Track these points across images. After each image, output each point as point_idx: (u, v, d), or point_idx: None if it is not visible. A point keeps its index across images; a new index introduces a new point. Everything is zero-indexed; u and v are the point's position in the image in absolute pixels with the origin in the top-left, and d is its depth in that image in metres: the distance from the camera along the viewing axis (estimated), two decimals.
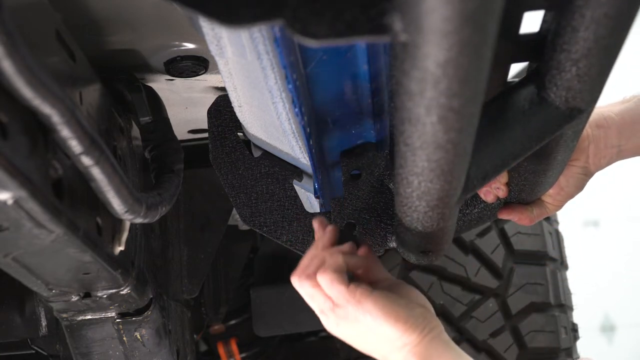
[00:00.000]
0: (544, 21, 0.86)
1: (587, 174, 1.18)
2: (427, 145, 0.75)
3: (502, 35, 0.86)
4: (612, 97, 1.21)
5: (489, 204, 1.26)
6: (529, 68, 0.96)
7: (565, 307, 2.38)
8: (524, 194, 1.21)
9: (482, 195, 1.22)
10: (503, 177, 1.18)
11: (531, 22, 0.89)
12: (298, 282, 1.11)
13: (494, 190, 1.20)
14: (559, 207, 1.25)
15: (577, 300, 2.51)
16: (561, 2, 0.78)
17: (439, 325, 1.07)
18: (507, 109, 0.93)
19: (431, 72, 0.63)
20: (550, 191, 1.21)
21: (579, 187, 1.20)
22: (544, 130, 0.92)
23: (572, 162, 1.15)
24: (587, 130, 1.14)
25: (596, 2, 0.72)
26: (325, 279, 1.07)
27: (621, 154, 1.17)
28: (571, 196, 1.22)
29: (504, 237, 2.32)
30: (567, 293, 2.45)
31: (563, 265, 2.47)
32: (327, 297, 1.09)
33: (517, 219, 1.25)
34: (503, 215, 1.26)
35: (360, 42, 0.94)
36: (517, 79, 0.96)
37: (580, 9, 0.75)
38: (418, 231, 1.01)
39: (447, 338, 1.06)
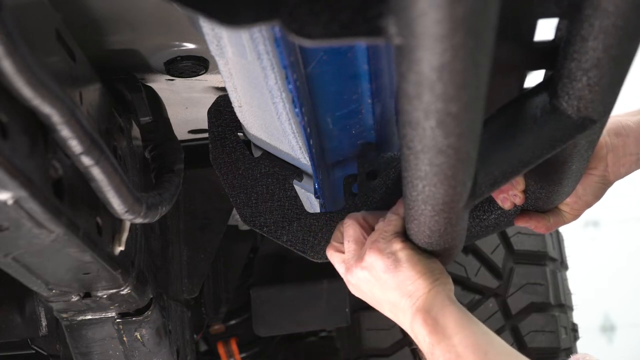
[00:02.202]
0: (558, 29, 0.86)
1: (606, 183, 1.17)
2: (428, 150, 0.75)
3: (516, 42, 0.86)
4: (629, 105, 1.20)
5: (505, 211, 1.25)
6: (544, 75, 0.96)
7: (565, 307, 2.38)
8: (540, 202, 1.20)
9: (499, 202, 1.22)
10: (520, 185, 1.18)
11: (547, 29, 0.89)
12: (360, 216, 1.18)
13: (511, 197, 1.20)
14: (577, 216, 1.24)
15: (577, 300, 2.51)
16: (573, 11, 0.78)
17: (449, 282, 1.09)
18: (519, 116, 0.93)
19: (426, 76, 0.63)
20: (568, 200, 1.20)
21: (597, 196, 1.19)
22: (555, 139, 0.91)
23: (590, 170, 1.14)
24: (606, 138, 1.13)
25: (604, 12, 0.72)
26: (390, 217, 1.13)
27: (639, 162, 1.17)
28: (589, 205, 1.21)
29: (504, 237, 2.32)
30: (567, 293, 2.45)
31: (563, 265, 2.47)
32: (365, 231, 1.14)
33: (533, 227, 1.25)
34: (520, 223, 1.26)
35: (356, 43, 0.94)
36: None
37: (589, 18, 0.74)
38: (426, 235, 1.01)
39: (453, 297, 1.07)
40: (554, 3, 0.82)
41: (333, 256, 1.21)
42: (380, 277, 1.09)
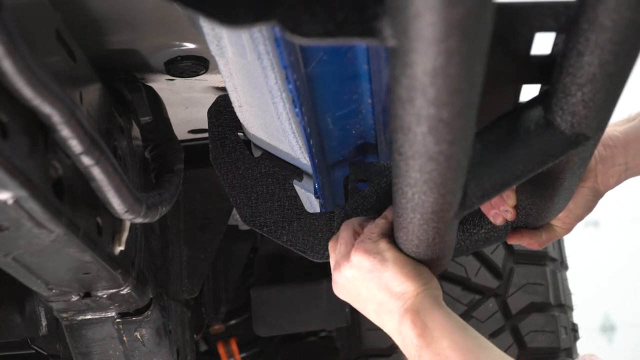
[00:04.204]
0: (555, 44, 0.86)
1: (597, 195, 1.17)
2: (419, 156, 0.75)
3: (512, 55, 0.85)
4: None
5: (496, 226, 1.25)
6: (540, 89, 0.95)
7: (565, 307, 2.38)
8: (531, 218, 1.20)
9: (490, 218, 1.21)
10: (511, 200, 1.18)
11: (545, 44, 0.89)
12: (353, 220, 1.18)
13: (502, 213, 1.20)
14: (569, 230, 1.24)
15: (577, 300, 2.51)
16: (570, 25, 0.78)
17: (438, 287, 1.08)
18: (512, 129, 0.93)
19: (419, 80, 0.63)
20: (559, 214, 1.20)
21: (589, 208, 1.19)
22: (548, 153, 0.91)
23: (580, 183, 1.14)
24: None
25: (601, 26, 0.71)
26: (378, 220, 1.14)
27: (628, 172, 1.16)
28: (580, 218, 1.21)
29: None
30: (567, 293, 2.45)
31: (563, 265, 2.47)
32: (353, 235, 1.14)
33: (526, 244, 1.24)
34: (512, 241, 1.25)
35: (351, 43, 0.94)
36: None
37: (585, 32, 0.74)
38: (414, 244, 1.01)
39: (442, 302, 1.06)
40: (552, 17, 0.82)
41: (331, 252, 1.21)
42: (366, 277, 1.09)
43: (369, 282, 1.09)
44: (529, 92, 0.96)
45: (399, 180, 0.83)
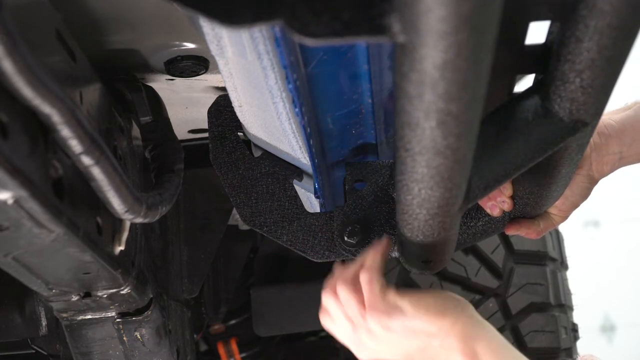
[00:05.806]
0: (550, 32, 0.86)
1: (592, 182, 1.18)
2: (426, 151, 0.75)
3: (507, 46, 0.85)
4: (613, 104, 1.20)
5: (493, 218, 1.25)
6: (535, 79, 0.96)
7: (565, 307, 2.38)
8: (528, 208, 1.20)
9: (488, 210, 1.22)
10: (508, 190, 1.18)
11: (538, 33, 0.89)
12: (333, 290, 1.15)
13: (499, 204, 1.20)
14: (565, 217, 1.24)
15: (577, 300, 2.51)
16: (566, 13, 0.78)
17: (469, 305, 1.08)
18: (510, 120, 0.93)
19: (429, 75, 0.63)
20: (556, 202, 1.20)
21: (584, 195, 1.20)
22: (547, 142, 0.91)
23: (576, 170, 1.15)
24: None
25: (600, 12, 0.72)
26: (365, 277, 1.10)
27: (623, 161, 1.17)
28: (576, 205, 1.21)
29: (504, 237, 2.32)
30: (567, 293, 2.45)
31: (563, 265, 2.47)
32: (360, 303, 1.10)
33: (524, 234, 1.25)
34: (510, 231, 1.25)
35: (359, 42, 0.94)
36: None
37: (584, 19, 0.74)
38: (419, 240, 1.01)
39: (479, 318, 1.07)
40: (547, 6, 0.82)
41: (331, 327, 1.20)
42: (400, 336, 1.09)
43: (404, 339, 1.08)
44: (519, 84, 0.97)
45: (404, 177, 0.83)
